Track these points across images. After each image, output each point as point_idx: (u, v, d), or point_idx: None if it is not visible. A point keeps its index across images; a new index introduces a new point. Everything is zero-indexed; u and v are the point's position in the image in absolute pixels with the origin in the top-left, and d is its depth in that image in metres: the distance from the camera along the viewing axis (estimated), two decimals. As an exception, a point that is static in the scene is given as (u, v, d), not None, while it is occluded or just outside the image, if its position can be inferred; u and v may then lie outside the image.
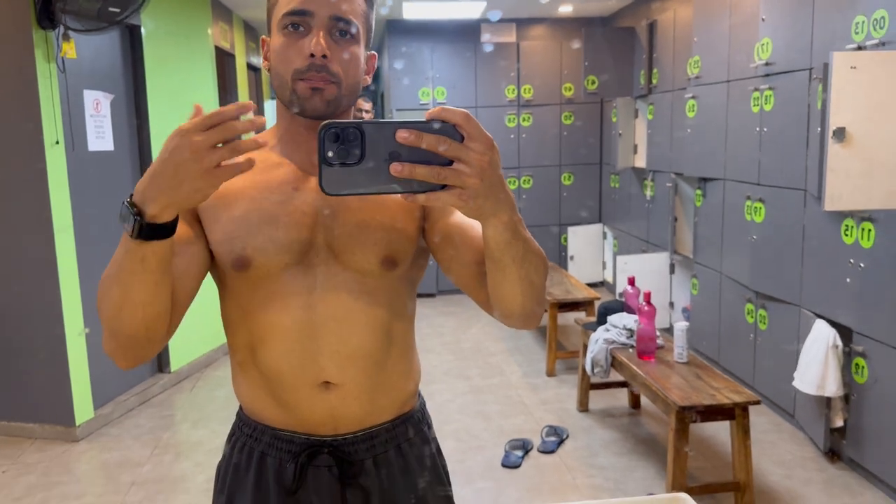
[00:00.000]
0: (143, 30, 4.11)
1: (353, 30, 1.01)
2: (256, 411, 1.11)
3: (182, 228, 0.98)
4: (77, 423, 3.57)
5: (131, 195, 0.86)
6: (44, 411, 3.59)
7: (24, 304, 3.54)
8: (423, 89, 6.38)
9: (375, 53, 1.10)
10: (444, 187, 0.75)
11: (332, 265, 1.04)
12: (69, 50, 3.45)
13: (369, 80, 1.09)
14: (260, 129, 0.83)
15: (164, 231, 0.86)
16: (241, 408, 1.16)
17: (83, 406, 3.61)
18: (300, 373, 1.05)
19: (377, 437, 1.11)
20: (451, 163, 0.74)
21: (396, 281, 1.08)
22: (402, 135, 0.74)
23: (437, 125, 0.75)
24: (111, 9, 3.19)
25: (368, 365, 1.07)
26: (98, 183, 3.84)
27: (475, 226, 1.03)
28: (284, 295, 1.03)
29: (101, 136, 3.85)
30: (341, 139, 0.75)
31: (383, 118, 6.52)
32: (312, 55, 0.97)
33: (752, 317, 3.78)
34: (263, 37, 1.08)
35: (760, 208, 3.66)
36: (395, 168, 0.74)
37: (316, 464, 1.08)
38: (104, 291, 0.93)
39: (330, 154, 0.75)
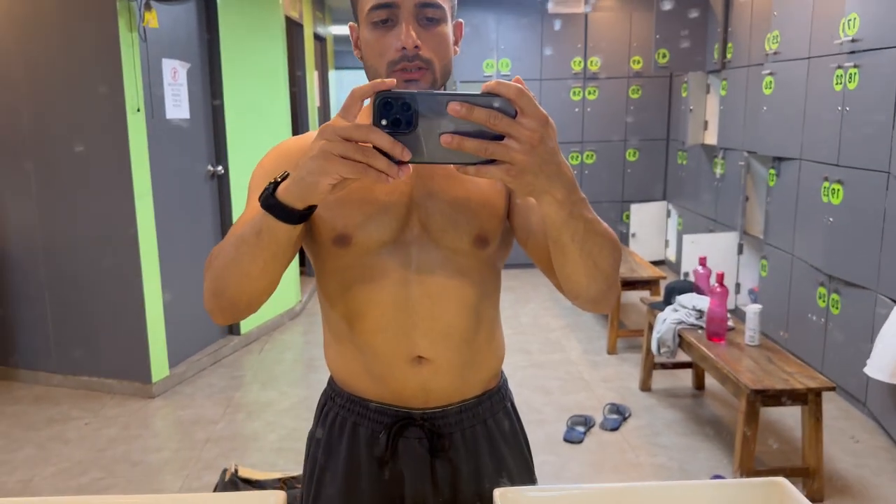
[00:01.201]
0: (218, 0, 4.19)
1: (440, 13, 1.01)
2: (350, 383, 1.14)
3: None
4: (153, 381, 3.73)
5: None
6: (122, 368, 3.76)
7: (106, 267, 3.69)
8: (487, 61, 6.34)
9: (462, 21, 1.10)
10: (494, 161, 0.76)
11: (425, 243, 1.06)
12: (151, 19, 3.54)
13: (458, 49, 1.09)
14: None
15: (282, 211, 0.86)
16: (331, 379, 1.19)
17: (159, 364, 3.77)
18: (395, 347, 1.08)
19: (465, 411, 1.14)
20: (503, 137, 0.75)
21: (486, 260, 1.10)
22: (454, 107, 0.74)
23: (491, 98, 0.75)
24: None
25: (459, 342, 1.09)
26: (175, 150, 3.96)
27: None
28: (381, 272, 1.05)
29: (178, 104, 3.95)
30: (394, 109, 0.76)
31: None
32: (404, 48, 0.98)
33: (823, 301, 3.69)
34: (351, 24, 1.09)
35: (839, 190, 3.55)
36: (445, 139, 0.75)
37: (406, 435, 1.11)
38: (218, 254, 0.97)
39: (383, 123, 0.76)
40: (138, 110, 3.56)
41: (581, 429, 3.27)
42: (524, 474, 1.23)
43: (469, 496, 1.14)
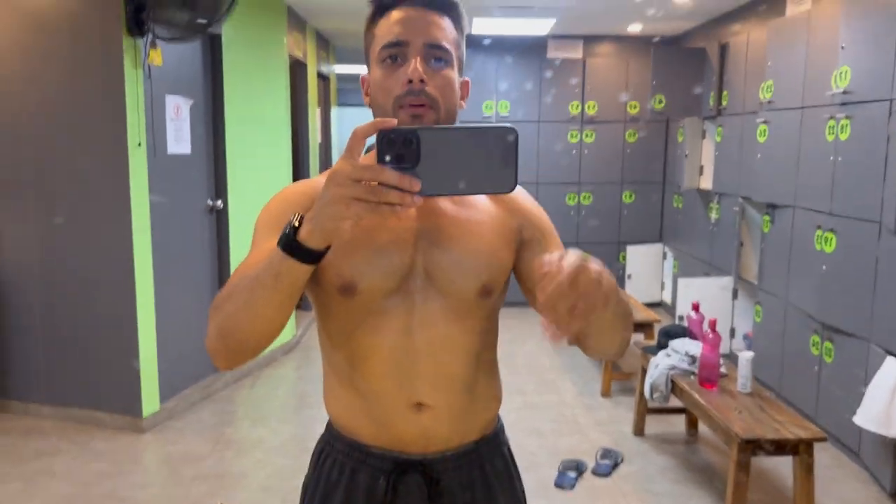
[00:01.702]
0: (223, 38, 4.26)
1: (447, 55, 1.06)
2: (350, 428, 1.15)
3: None
4: (144, 415, 3.71)
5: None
6: (113, 401, 3.74)
7: (101, 299, 3.70)
8: (486, 102, 6.43)
9: (468, 80, 1.14)
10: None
11: (429, 291, 1.08)
12: (156, 57, 3.60)
13: (464, 104, 1.13)
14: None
15: (304, 253, 0.90)
16: (329, 424, 1.20)
17: (150, 399, 3.75)
18: (397, 393, 1.09)
19: (463, 457, 1.15)
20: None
21: (489, 308, 1.13)
22: (549, 264, 0.81)
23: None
24: (199, 20, 3.32)
25: (459, 388, 1.12)
26: (175, 185, 4.00)
27: None
28: (385, 319, 1.07)
29: (179, 139, 4.00)
30: (397, 145, 0.80)
31: None
32: (411, 81, 1.02)
33: (817, 349, 3.70)
34: (363, 75, 1.13)
35: (832, 238, 3.58)
36: (548, 331, 0.82)
37: (406, 481, 1.12)
38: (229, 296, 0.98)
39: (387, 158, 0.81)
40: (139, 145, 3.60)
41: (573, 474, 3.24)
42: None
43: None
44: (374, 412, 1.11)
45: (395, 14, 1.06)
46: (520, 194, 1.16)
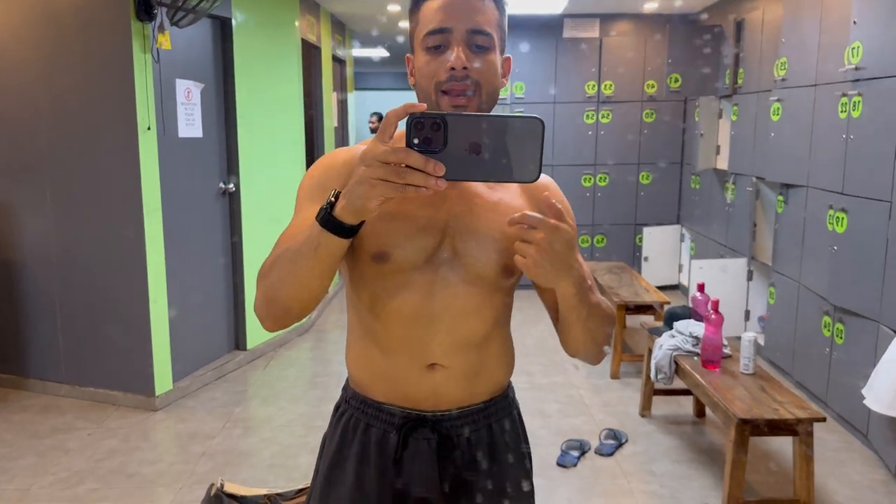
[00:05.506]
0: (233, 22, 4.29)
1: (489, 41, 1.09)
2: (365, 385, 1.22)
3: None
4: (157, 394, 3.79)
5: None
6: (127, 381, 3.83)
7: (115, 281, 3.78)
8: (502, 83, 6.38)
9: (510, 57, 1.18)
10: None
11: (455, 265, 1.13)
12: (164, 41, 3.64)
13: (506, 81, 1.16)
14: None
15: (339, 228, 0.95)
16: (348, 382, 1.27)
17: (163, 378, 3.83)
18: (413, 354, 1.16)
19: (471, 415, 1.21)
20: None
21: (507, 285, 1.19)
22: (514, 219, 0.94)
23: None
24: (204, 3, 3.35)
25: (471, 353, 1.18)
26: (186, 167, 4.05)
27: None
28: (410, 287, 1.13)
29: (190, 122, 4.05)
30: (426, 129, 0.83)
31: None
32: (453, 68, 1.06)
33: (828, 330, 3.64)
34: (408, 55, 1.17)
35: (843, 218, 3.52)
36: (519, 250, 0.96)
37: (416, 436, 1.18)
38: (274, 265, 1.05)
39: (416, 141, 0.83)
40: (149, 128, 3.65)
41: (575, 453, 3.25)
42: (522, 480, 1.29)
43: (471, 495, 1.21)
44: (391, 370, 1.18)
45: None
46: (552, 187, 1.21)
